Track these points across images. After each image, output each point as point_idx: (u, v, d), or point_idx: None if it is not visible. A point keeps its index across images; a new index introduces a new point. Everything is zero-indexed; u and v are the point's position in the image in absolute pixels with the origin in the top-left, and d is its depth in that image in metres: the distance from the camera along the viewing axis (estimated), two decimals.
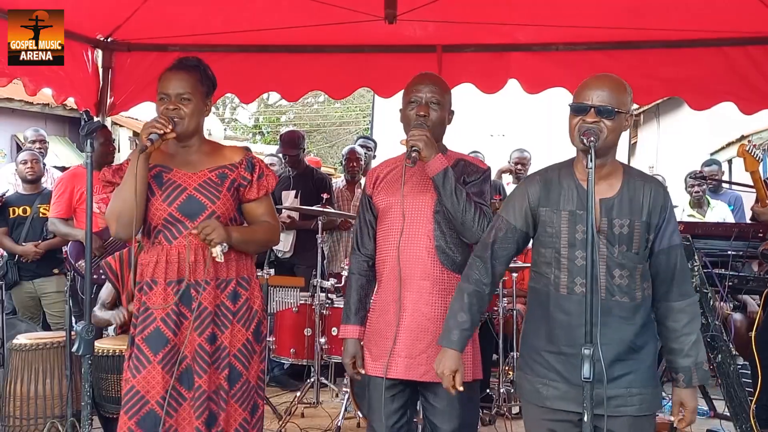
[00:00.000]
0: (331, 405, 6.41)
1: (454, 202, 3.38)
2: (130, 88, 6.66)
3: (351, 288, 3.70)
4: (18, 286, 6.80)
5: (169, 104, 3.47)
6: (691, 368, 3.04)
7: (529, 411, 3.22)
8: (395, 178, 3.61)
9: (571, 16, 5.75)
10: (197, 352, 3.41)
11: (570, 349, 3.03)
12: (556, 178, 3.13)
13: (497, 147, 13.99)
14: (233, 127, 33.43)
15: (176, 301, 3.41)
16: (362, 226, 3.72)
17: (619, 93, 3.00)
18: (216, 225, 3.35)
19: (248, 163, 3.62)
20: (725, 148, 14.25)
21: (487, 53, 6.51)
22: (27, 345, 4.91)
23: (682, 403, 3.07)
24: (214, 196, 3.49)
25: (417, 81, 3.59)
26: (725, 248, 5.13)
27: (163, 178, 3.50)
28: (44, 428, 4.80)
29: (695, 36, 6.04)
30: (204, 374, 3.40)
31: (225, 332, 3.48)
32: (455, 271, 3.51)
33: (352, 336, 3.64)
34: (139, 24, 6.02)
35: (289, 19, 5.88)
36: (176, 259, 3.44)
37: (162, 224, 3.48)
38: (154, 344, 3.39)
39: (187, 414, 3.40)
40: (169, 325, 3.40)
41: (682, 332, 3.05)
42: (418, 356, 3.46)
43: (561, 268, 3.08)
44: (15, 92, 12.66)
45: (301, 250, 7.49)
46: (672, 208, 3.09)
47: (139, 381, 3.37)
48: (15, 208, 6.84)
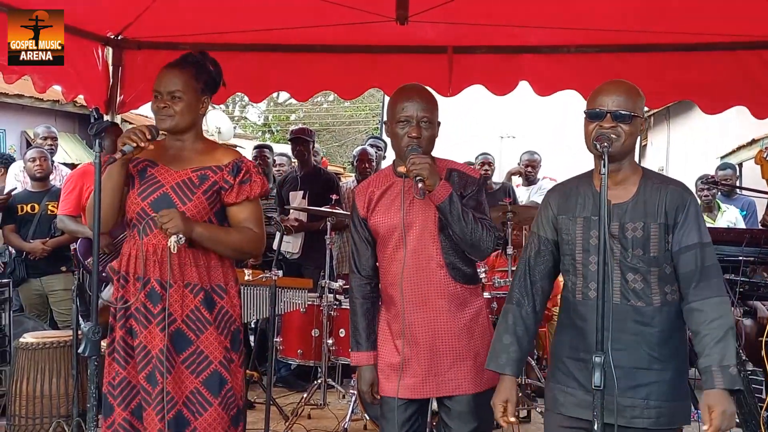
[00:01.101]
0: (337, 406, 6.39)
1: (463, 226, 3.31)
2: (140, 86, 6.64)
3: (357, 314, 3.59)
4: (25, 283, 6.81)
5: (160, 102, 3.48)
6: (711, 368, 2.89)
7: (548, 418, 3.24)
8: (392, 199, 3.51)
9: (583, 18, 5.71)
10: (158, 352, 3.38)
11: (587, 355, 3.00)
12: (575, 187, 3.16)
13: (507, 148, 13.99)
14: (243, 125, 33.48)
15: (143, 299, 3.42)
16: (360, 247, 3.61)
17: (635, 97, 3.01)
18: (174, 215, 3.33)
19: (234, 167, 3.56)
20: (736, 152, 14.18)
21: (498, 55, 6.47)
22: (33, 344, 4.91)
23: (709, 405, 2.91)
24: (187, 197, 3.47)
25: (403, 98, 3.44)
26: (736, 254, 5.10)
27: (147, 173, 3.52)
28: (50, 427, 4.80)
29: (708, 39, 5.99)
30: (161, 377, 3.36)
31: (201, 337, 3.46)
32: (467, 283, 3.49)
33: (368, 363, 3.56)
34: (150, 22, 6.00)
35: (300, 18, 5.86)
36: (144, 256, 3.44)
37: (136, 218, 3.50)
38: (133, 337, 3.45)
39: (149, 414, 3.39)
40: (140, 321, 3.41)
41: (703, 332, 2.92)
42: (446, 373, 3.43)
43: (577, 274, 3.09)
44: (25, 89, 12.66)
45: (310, 251, 7.48)
46: (694, 208, 3.02)
47: (129, 371, 3.44)
48: (23, 205, 6.84)
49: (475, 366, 3.43)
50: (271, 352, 5.56)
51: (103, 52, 6.44)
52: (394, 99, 3.50)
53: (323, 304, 6.08)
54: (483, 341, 3.47)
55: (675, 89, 6.33)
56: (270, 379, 5.61)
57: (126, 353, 3.45)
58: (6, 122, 14.75)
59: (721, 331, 2.91)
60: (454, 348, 3.43)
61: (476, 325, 3.49)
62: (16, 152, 14.58)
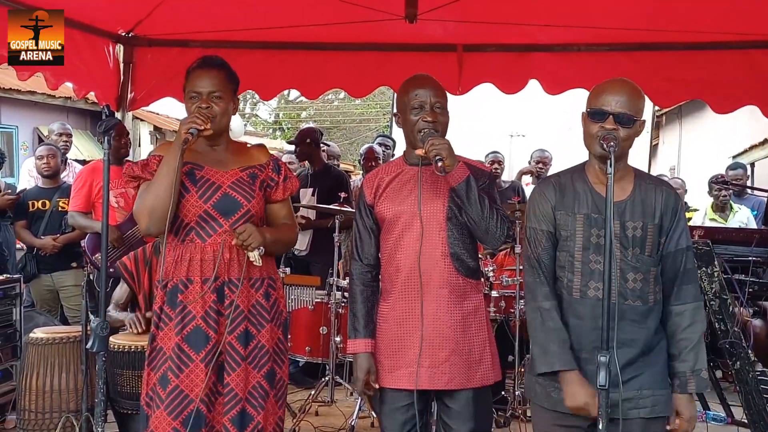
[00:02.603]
0: (345, 404, 6.40)
1: (479, 210, 3.32)
2: (151, 83, 6.67)
3: (356, 301, 3.57)
4: (36, 279, 6.83)
5: (201, 102, 3.43)
6: (686, 374, 2.98)
7: (540, 415, 3.20)
8: (400, 186, 3.52)
9: (593, 17, 5.71)
10: (228, 351, 3.39)
11: (581, 353, 3.02)
12: (569, 182, 3.13)
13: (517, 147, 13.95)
14: (253, 122, 33.53)
15: (215, 300, 3.39)
16: (363, 234, 3.61)
17: (637, 99, 3.00)
18: (253, 229, 3.35)
19: (275, 165, 3.62)
20: (748, 151, 14.14)
21: (508, 53, 6.48)
22: (43, 339, 4.93)
23: (678, 410, 2.99)
24: (249, 194, 3.48)
25: (415, 85, 3.47)
26: (746, 254, 5.09)
27: (196, 176, 3.46)
28: (59, 422, 4.82)
29: (719, 38, 5.98)
30: (233, 372, 3.38)
31: (262, 331, 3.47)
32: (469, 277, 3.48)
33: (365, 350, 3.51)
34: (161, 20, 6.03)
35: (311, 16, 5.88)
36: (211, 257, 3.41)
37: (196, 221, 3.44)
38: (195, 343, 3.36)
39: (221, 410, 3.39)
40: (210, 324, 3.37)
41: (679, 336, 3.00)
42: (441, 365, 3.40)
43: (574, 271, 3.07)
44: (37, 85, 12.73)
45: (318, 249, 7.48)
46: (682, 212, 3.07)
47: (182, 380, 3.34)
48: (34, 202, 6.87)
49: (468, 361, 3.42)
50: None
51: (114, 49, 6.47)
52: (405, 88, 3.51)
53: (331, 302, 6.09)
54: (478, 338, 3.46)
55: (685, 88, 6.32)
56: None
57: (180, 361, 3.36)
58: (18, 119, 14.82)
59: (696, 336, 2.99)
60: (451, 340, 3.41)
61: (473, 321, 3.47)
62: (28, 149, 14.66)
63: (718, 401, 6.32)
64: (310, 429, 5.80)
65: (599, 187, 3.02)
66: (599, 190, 3.02)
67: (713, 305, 4.77)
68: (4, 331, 5.79)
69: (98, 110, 14.60)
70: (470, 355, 3.43)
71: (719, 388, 6.37)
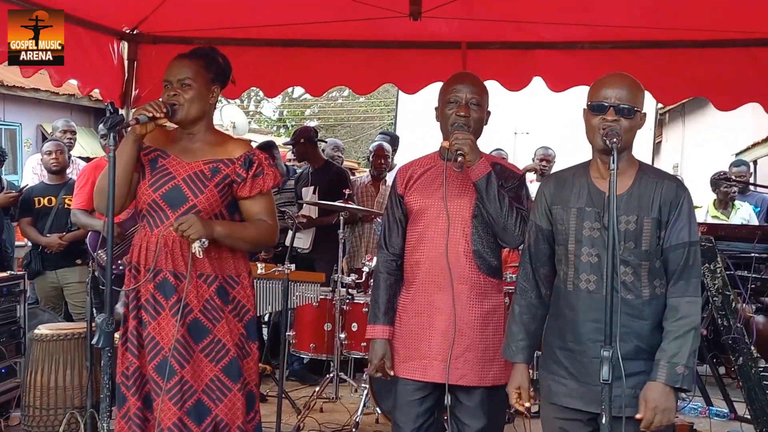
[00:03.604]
0: (350, 400, 6.42)
1: (497, 207, 3.38)
2: (155, 80, 6.63)
3: (379, 288, 3.65)
4: (41, 276, 6.85)
5: (170, 90, 3.48)
6: (660, 361, 2.94)
7: (545, 409, 3.26)
8: (431, 179, 3.58)
9: (598, 14, 5.70)
10: (174, 345, 3.39)
11: (576, 345, 3.07)
12: (570, 177, 3.18)
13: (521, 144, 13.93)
14: (257, 120, 33.54)
15: (153, 290, 3.43)
16: (391, 224, 3.68)
17: (637, 92, 3.04)
18: (194, 220, 3.32)
19: (246, 160, 3.56)
20: (751, 149, 14.13)
21: (512, 50, 6.46)
22: (47, 335, 4.95)
23: (645, 399, 2.94)
24: (199, 189, 3.47)
25: (455, 80, 3.57)
26: (749, 251, 5.10)
27: (158, 163, 3.51)
28: (63, 419, 4.84)
29: (722, 36, 5.96)
30: (180, 367, 3.39)
31: (217, 326, 3.48)
32: (491, 275, 3.53)
33: (382, 336, 3.60)
34: (165, 16, 6.02)
35: (315, 14, 5.87)
36: (155, 248, 3.44)
37: (146, 209, 3.50)
38: (143, 328, 3.47)
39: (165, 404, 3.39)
40: (150, 312, 3.43)
41: (668, 328, 2.98)
42: (455, 360, 3.45)
43: (569, 264, 3.11)
44: (41, 82, 12.75)
45: (321, 246, 7.49)
46: (687, 205, 3.05)
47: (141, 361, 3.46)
48: (40, 198, 6.88)
49: (483, 360, 3.47)
50: (283, 345, 5.58)
51: (118, 46, 6.47)
52: (447, 83, 3.61)
53: (336, 299, 6.11)
54: (494, 338, 3.51)
55: (689, 86, 6.31)
56: (282, 373, 5.63)
57: (138, 343, 3.46)
58: (22, 116, 14.84)
59: (683, 329, 2.95)
60: (467, 336, 3.46)
61: (491, 320, 3.52)
62: (32, 146, 14.67)
63: (721, 397, 6.34)
64: (315, 425, 5.82)
65: (598, 182, 3.05)
66: (597, 184, 3.06)
67: (716, 301, 4.79)
68: (8, 328, 5.80)
69: (102, 107, 14.73)
70: (485, 353, 3.48)
71: (722, 384, 6.39)
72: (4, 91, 14.07)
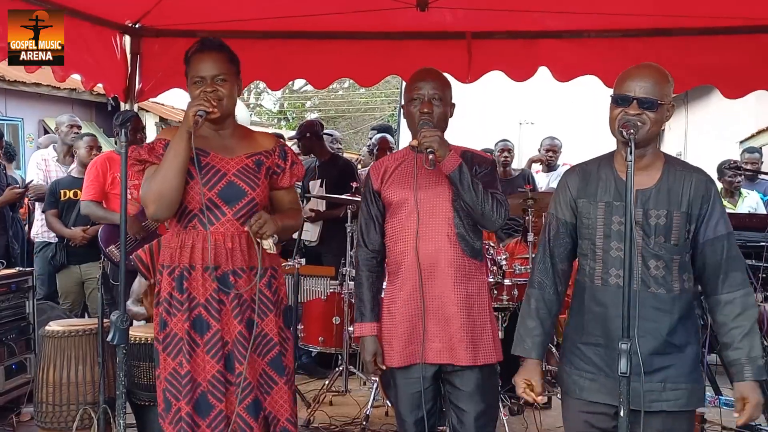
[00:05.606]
0: (359, 393, 6.42)
1: (472, 195, 3.44)
2: (158, 74, 6.65)
3: (362, 286, 3.71)
4: (65, 269, 6.88)
5: (206, 87, 3.39)
6: (741, 361, 2.98)
7: (568, 404, 3.23)
8: (407, 172, 3.64)
9: (602, 3, 5.69)
10: (237, 339, 3.38)
11: (605, 340, 3.04)
12: (595, 169, 3.15)
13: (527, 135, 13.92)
14: (258, 112, 33.51)
15: (216, 288, 3.38)
16: (368, 221, 3.74)
17: (663, 84, 2.99)
18: (267, 218, 3.36)
19: (281, 151, 3.61)
20: (755, 136, 14.09)
21: (517, 40, 6.45)
22: (59, 332, 4.95)
23: (743, 397, 2.99)
24: (254, 182, 3.45)
25: (417, 78, 3.63)
26: (758, 239, 5.09)
27: (201, 162, 3.40)
28: (76, 415, 4.84)
29: (729, 23, 5.94)
30: (244, 360, 3.37)
31: (265, 320, 3.47)
32: (474, 258, 3.61)
33: (371, 333, 3.67)
34: (168, 10, 6.01)
35: (319, 5, 5.85)
36: (213, 246, 3.37)
37: (199, 209, 3.40)
38: (199, 329, 3.38)
39: (234, 399, 3.38)
40: (212, 313, 3.37)
41: (731, 325, 2.99)
42: (448, 341, 3.53)
43: (596, 259, 3.09)
44: (43, 77, 12.71)
45: (328, 239, 7.49)
46: (717, 198, 3.04)
47: (192, 366, 3.38)
48: (66, 191, 6.89)
49: (472, 340, 3.54)
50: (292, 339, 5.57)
51: (121, 40, 6.45)
52: (409, 81, 3.70)
53: (344, 292, 6.11)
54: (480, 318, 3.59)
55: (696, 74, 6.27)
56: None
57: (190, 347, 3.38)
58: (24, 111, 14.80)
59: (748, 324, 2.98)
60: (455, 317, 3.52)
61: (477, 301, 3.59)
62: (34, 141, 14.64)
63: (730, 386, 6.31)
64: (325, 419, 5.82)
65: (624, 175, 3.01)
66: (624, 177, 3.01)
67: None
68: (18, 324, 5.81)
69: (104, 102, 14.72)
70: (473, 333, 3.55)
71: None
72: (6, 86, 14.02)
